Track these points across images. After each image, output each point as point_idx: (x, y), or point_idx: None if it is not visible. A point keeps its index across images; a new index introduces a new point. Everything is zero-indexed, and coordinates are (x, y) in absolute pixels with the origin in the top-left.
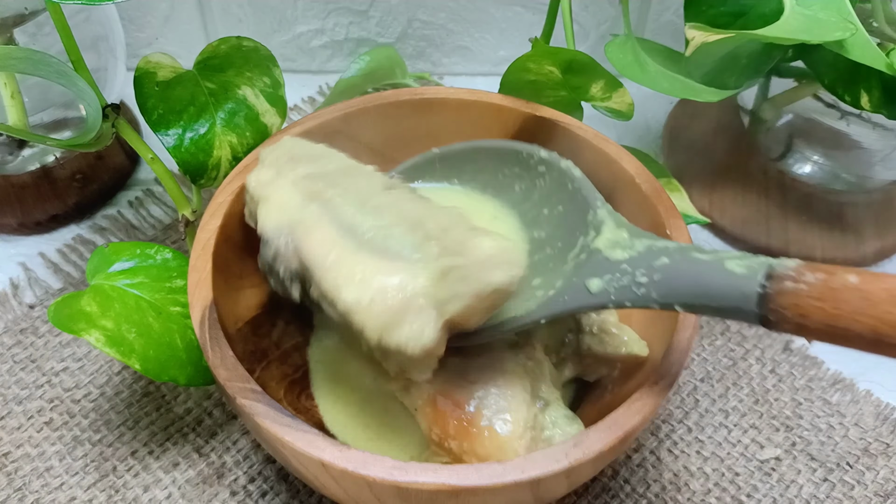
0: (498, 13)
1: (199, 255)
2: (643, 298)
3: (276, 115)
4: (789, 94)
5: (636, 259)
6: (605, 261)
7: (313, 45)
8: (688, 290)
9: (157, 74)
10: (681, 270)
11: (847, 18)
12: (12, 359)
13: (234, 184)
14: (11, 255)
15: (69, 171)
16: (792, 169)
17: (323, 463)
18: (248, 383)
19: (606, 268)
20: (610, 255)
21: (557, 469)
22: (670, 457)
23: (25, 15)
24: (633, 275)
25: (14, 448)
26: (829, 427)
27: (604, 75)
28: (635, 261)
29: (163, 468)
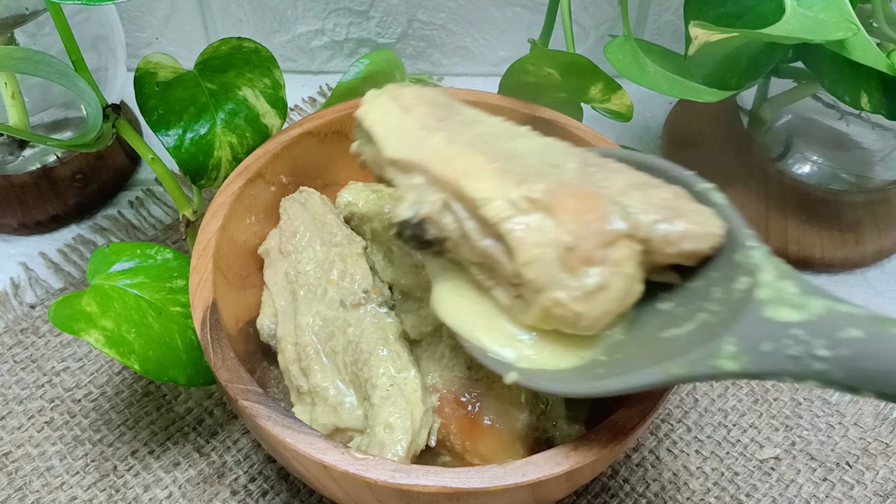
0: (498, 13)
1: (200, 256)
2: (820, 376)
3: (276, 115)
4: (789, 94)
5: (814, 325)
6: (766, 323)
7: (313, 45)
8: (887, 377)
9: (157, 75)
10: (879, 350)
11: (848, 19)
12: (13, 358)
13: (234, 184)
14: (12, 255)
15: (70, 171)
16: (792, 169)
17: (324, 465)
18: (249, 385)
19: (768, 331)
20: (775, 314)
21: (558, 472)
22: (670, 456)
23: (25, 15)
24: (810, 345)
25: (15, 448)
26: (828, 427)
27: (602, 77)
28: (813, 327)
29: (163, 468)
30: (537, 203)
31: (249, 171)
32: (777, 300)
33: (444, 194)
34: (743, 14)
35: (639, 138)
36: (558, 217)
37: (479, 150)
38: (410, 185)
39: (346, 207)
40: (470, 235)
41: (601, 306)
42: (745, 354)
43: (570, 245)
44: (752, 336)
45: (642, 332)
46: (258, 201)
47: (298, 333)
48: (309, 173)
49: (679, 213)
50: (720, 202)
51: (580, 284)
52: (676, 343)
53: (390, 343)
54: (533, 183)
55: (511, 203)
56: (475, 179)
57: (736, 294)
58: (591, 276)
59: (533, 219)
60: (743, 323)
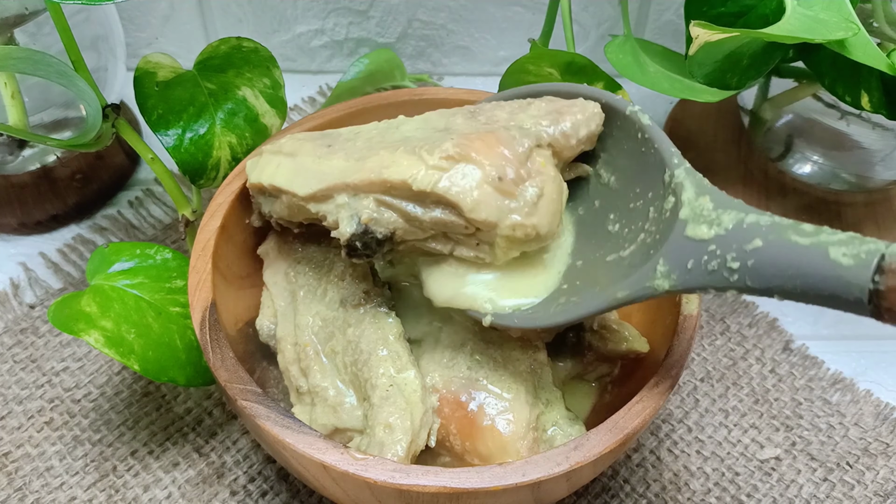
0: (498, 13)
1: (199, 256)
2: (735, 285)
3: (275, 115)
4: (789, 94)
5: (725, 238)
6: (688, 241)
7: (313, 45)
8: (787, 280)
9: (156, 74)
10: (778, 256)
11: (848, 19)
12: (12, 359)
13: (234, 184)
14: (11, 255)
15: (69, 171)
16: (792, 169)
17: (324, 465)
18: (248, 385)
19: (689, 250)
20: (694, 232)
21: (558, 472)
22: (670, 456)
23: (25, 15)
24: (724, 259)
25: (14, 448)
26: (829, 427)
27: (603, 77)
28: (724, 241)
29: (163, 468)
30: (454, 157)
31: None
32: (696, 218)
33: (371, 196)
34: (744, 14)
35: None
36: (476, 160)
37: (379, 149)
38: (338, 205)
39: None
40: (415, 216)
41: (548, 210)
42: (674, 272)
43: (499, 175)
44: (678, 255)
45: (594, 256)
46: None
47: (298, 334)
48: None
49: (560, 112)
50: (646, 123)
51: (524, 201)
52: (620, 266)
53: (390, 343)
54: (440, 144)
55: (434, 168)
56: (393, 168)
57: (665, 214)
58: (527, 190)
59: (458, 170)
60: (670, 243)
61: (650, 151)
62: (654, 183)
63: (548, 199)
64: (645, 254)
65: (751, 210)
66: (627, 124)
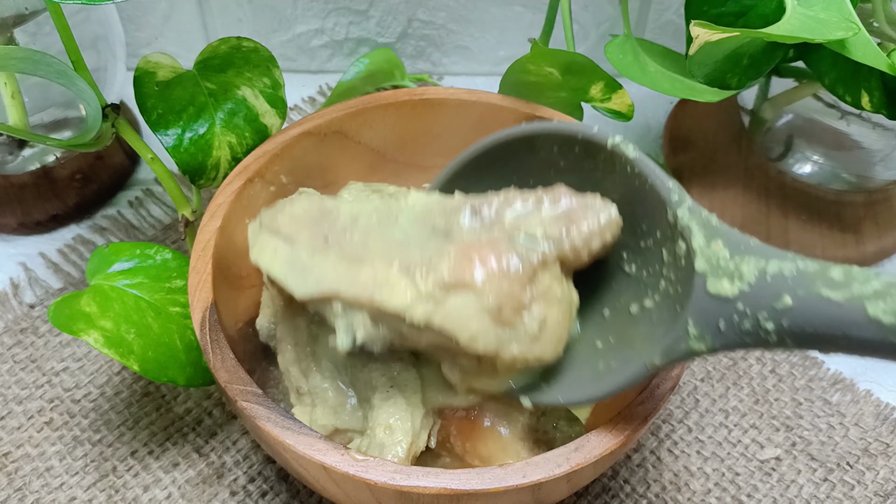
0: (498, 13)
1: (199, 257)
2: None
3: (275, 115)
4: (790, 94)
5: (750, 296)
6: (712, 299)
7: (313, 44)
8: (829, 339)
9: (156, 74)
10: (813, 316)
11: (848, 18)
12: (12, 359)
13: (233, 184)
14: (11, 255)
15: (69, 171)
16: (792, 169)
17: (324, 466)
18: (248, 386)
19: (717, 308)
20: (716, 289)
21: (558, 473)
22: (670, 457)
23: (25, 15)
24: (756, 319)
25: (14, 448)
26: (829, 427)
27: (603, 77)
28: (750, 298)
29: (163, 468)
30: (450, 285)
31: (249, 171)
32: (714, 270)
33: (366, 310)
34: (744, 13)
35: (639, 138)
36: (474, 287)
37: (375, 253)
38: (334, 313)
39: None
40: (408, 335)
41: (553, 337)
42: (707, 334)
43: (497, 305)
44: (706, 315)
45: (618, 303)
46: (257, 201)
47: (298, 334)
48: (308, 173)
49: (572, 219)
50: (634, 156)
51: (524, 332)
52: (649, 323)
53: None
54: (436, 264)
55: (428, 298)
56: (387, 291)
57: (680, 261)
58: (528, 319)
59: (454, 301)
60: (694, 301)
61: (645, 188)
62: (659, 221)
63: (552, 326)
64: (671, 309)
65: (770, 254)
66: (614, 158)
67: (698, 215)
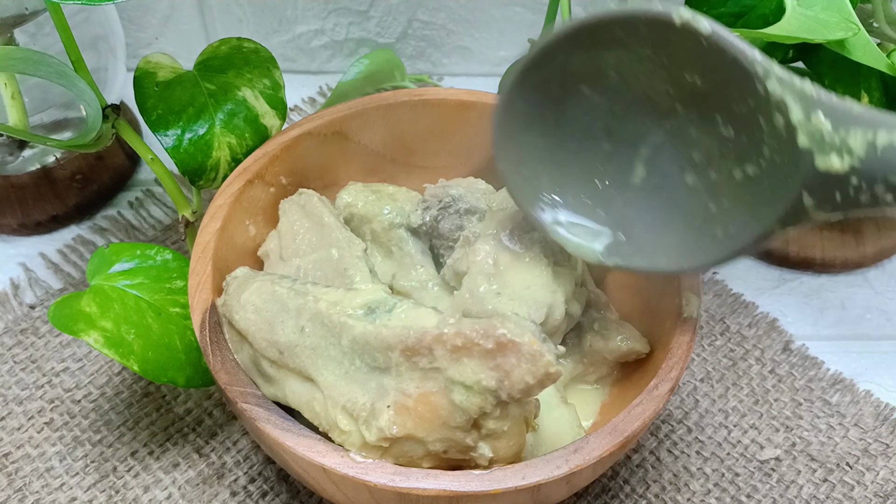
0: (498, 13)
1: (199, 258)
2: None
3: (275, 116)
4: None
5: (863, 171)
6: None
7: (313, 45)
8: None
9: (156, 74)
10: None
11: (848, 19)
12: (12, 359)
13: (233, 186)
14: (11, 256)
15: (69, 171)
16: None
17: (324, 468)
18: (248, 387)
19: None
20: (826, 165)
21: (558, 475)
22: (670, 457)
23: (25, 15)
24: (873, 191)
25: (14, 448)
26: (828, 427)
27: None
28: (864, 173)
29: (163, 468)
30: (393, 438)
31: (249, 173)
32: (820, 146)
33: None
34: (744, 14)
35: None
36: (418, 434)
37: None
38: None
39: (346, 209)
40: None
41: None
42: (826, 204)
43: (444, 449)
44: (820, 188)
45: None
46: (257, 203)
47: None
48: (308, 174)
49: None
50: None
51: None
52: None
53: None
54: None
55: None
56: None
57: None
58: (477, 455)
59: (401, 446)
60: (805, 177)
61: (726, 61)
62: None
63: (503, 452)
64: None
65: (876, 121)
66: (687, 35)
67: (791, 85)
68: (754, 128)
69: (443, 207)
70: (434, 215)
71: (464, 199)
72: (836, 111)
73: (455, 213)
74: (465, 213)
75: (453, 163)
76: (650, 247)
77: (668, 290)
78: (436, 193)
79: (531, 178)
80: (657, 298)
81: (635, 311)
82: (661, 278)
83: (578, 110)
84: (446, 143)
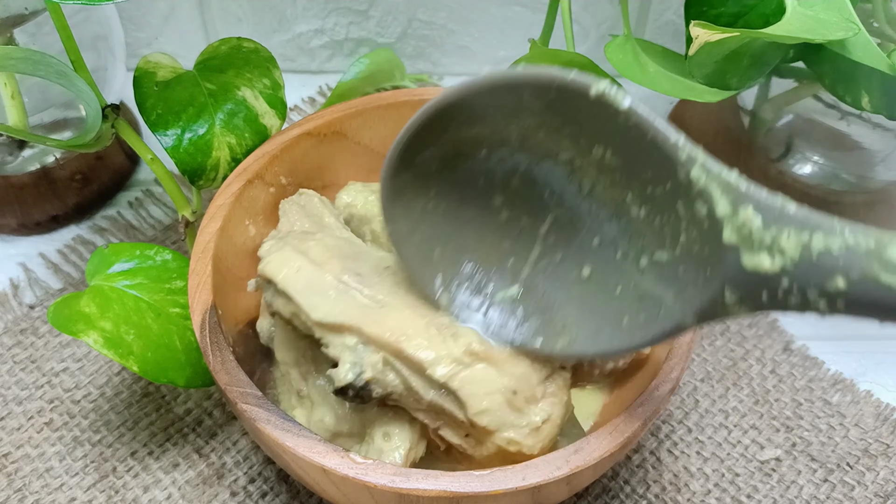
0: (498, 13)
1: (199, 259)
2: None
3: (275, 116)
4: (790, 94)
5: (796, 274)
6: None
7: (313, 44)
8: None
9: (156, 74)
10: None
11: (848, 19)
12: (12, 359)
13: (233, 186)
14: (11, 256)
15: (69, 171)
16: (792, 169)
17: (324, 469)
18: (248, 388)
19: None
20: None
21: (558, 476)
22: (670, 457)
23: (25, 15)
24: (804, 295)
25: (14, 449)
26: (829, 428)
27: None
28: (797, 275)
29: (163, 469)
30: (478, 355)
31: (248, 173)
32: (748, 244)
33: (382, 353)
34: (744, 14)
35: None
36: (499, 364)
37: (405, 304)
38: (345, 345)
39: (346, 209)
40: (417, 390)
41: (547, 435)
42: (748, 301)
43: (515, 388)
44: (744, 286)
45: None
46: (257, 203)
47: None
48: (308, 174)
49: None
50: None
51: (528, 422)
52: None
53: None
54: (468, 334)
55: (455, 360)
56: (414, 341)
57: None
58: (536, 413)
59: (477, 371)
60: (729, 273)
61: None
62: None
63: (551, 424)
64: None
65: (811, 223)
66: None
67: (718, 176)
68: (670, 213)
69: None
70: None
71: None
72: (768, 208)
73: None
74: None
75: None
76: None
77: None
78: None
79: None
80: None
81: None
82: None
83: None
84: None
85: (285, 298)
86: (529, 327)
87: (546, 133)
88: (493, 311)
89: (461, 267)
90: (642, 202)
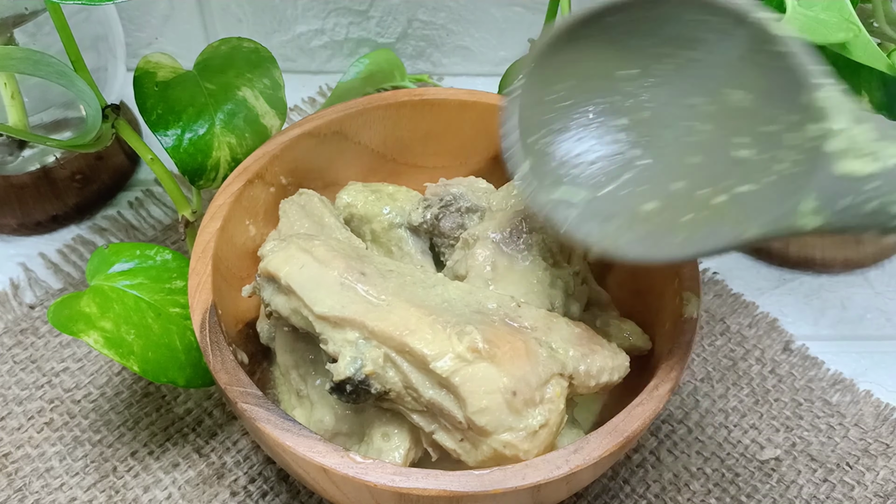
0: (498, 13)
1: (199, 259)
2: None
3: (275, 116)
4: None
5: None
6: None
7: (313, 45)
8: None
9: (156, 74)
10: None
11: (849, 20)
12: (12, 359)
13: (233, 186)
14: (11, 256)
15: (69, 171)
16: None
17: (324, 468)
18: (248, 388)
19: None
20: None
21: (558, 475)
22: (670, 457)
23: (25, 15)
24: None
25: (14, 449)
26: (829, 427)
27: None
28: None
29: (163, 469)
30: (481, 353)
31: (249, 173)
32: (851, 151)
33: (383, 349)
34: None
35: None
36: (500, 365)
37: (409, 302)
38: (346, 340)
39: (346, 209)
40: (416, 387)
41: (543, 441)
42: (825, 210)
43: (514, 390)
44: (830, 191)
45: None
46: (257, 203)
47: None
48: (308, 174)
49: (592, 349)
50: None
51: (525, 425)
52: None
53: None
54: (472, 333)
55: (458, 356)
56: (418, 335)
57: (808, 143)
58: (534, 416)
59: (479, 369)
60: (820, 177)
61: (782, 67)
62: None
63: (548, 431)
64: (786, 187)
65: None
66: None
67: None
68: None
69: (444, 206)
70: (435, 213)
71: (465, 197)
72: (884, 126)
73: (456, 211)
74: (466, 212)
75: (453, 163)
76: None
77: (668, 290)
78: (437, 192)
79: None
80: (657, 299)
81: (635, 312)
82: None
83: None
84: (446, 143)
85: (286, 294)
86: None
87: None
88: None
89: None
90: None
